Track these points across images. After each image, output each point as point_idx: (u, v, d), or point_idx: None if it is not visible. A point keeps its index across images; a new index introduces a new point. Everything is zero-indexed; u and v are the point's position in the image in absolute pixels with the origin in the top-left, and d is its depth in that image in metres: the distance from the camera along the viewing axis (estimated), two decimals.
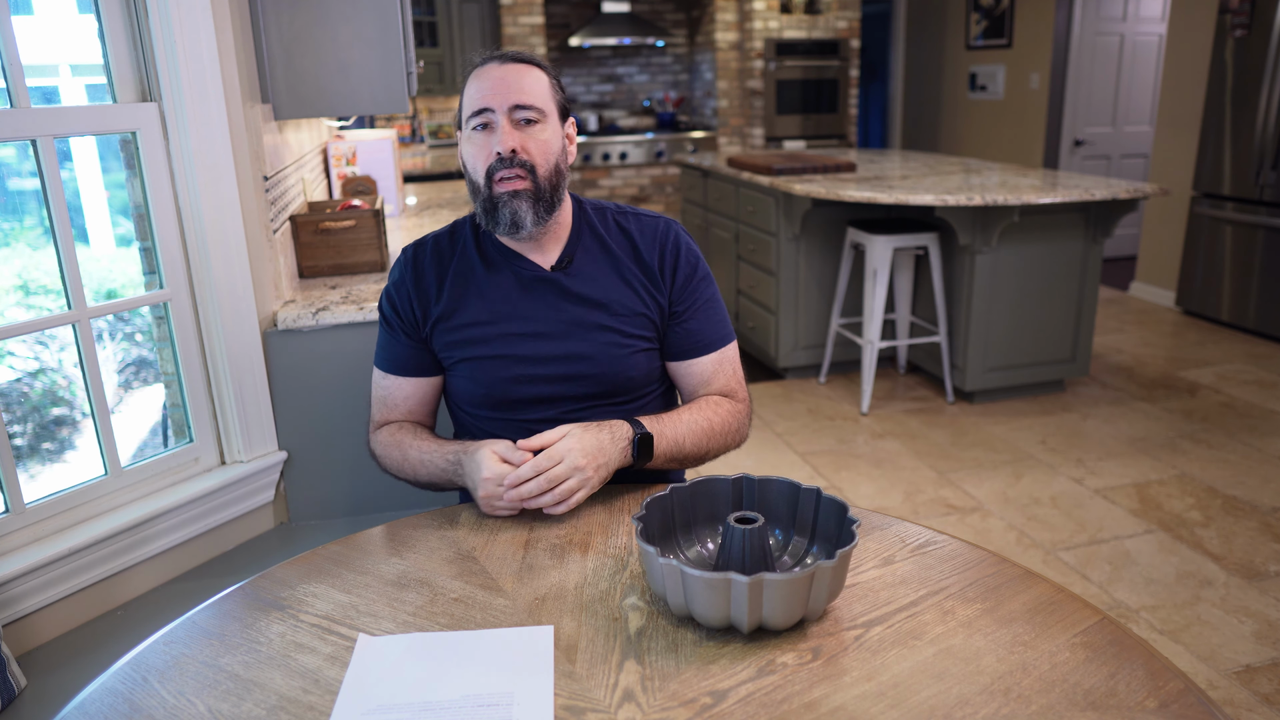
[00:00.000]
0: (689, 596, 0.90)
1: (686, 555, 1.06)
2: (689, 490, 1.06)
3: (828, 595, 0.92)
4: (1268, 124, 4.31)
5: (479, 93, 1.25)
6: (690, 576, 0.88)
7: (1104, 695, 0.83)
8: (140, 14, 1.56)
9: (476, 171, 1.27)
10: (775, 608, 0.89)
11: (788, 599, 0.88)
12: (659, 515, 1.03)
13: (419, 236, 1.43)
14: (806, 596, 0.90)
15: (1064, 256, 3.56)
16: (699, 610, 0.91)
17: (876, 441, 3.38)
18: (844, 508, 1.00)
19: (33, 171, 1.46)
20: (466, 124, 1.28)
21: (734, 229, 4.38)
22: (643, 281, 1.34)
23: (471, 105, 1.26)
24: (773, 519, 1.07)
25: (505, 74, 1.25)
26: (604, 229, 1.37)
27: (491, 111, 1.25)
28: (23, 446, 2.05)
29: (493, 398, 1.32)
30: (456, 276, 1.34)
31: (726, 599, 0.88)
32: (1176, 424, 3.46)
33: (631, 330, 1.33)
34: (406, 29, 2.02)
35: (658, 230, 1.37)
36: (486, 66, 1.27)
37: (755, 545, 0.97)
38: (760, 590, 0.87)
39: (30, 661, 1.39)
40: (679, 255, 1.36)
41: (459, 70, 6.30)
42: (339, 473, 1.89)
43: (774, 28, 6.42)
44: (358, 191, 2.77)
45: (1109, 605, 2.32)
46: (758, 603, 0.88)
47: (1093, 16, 5.74)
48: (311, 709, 0.84)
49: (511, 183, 1.24)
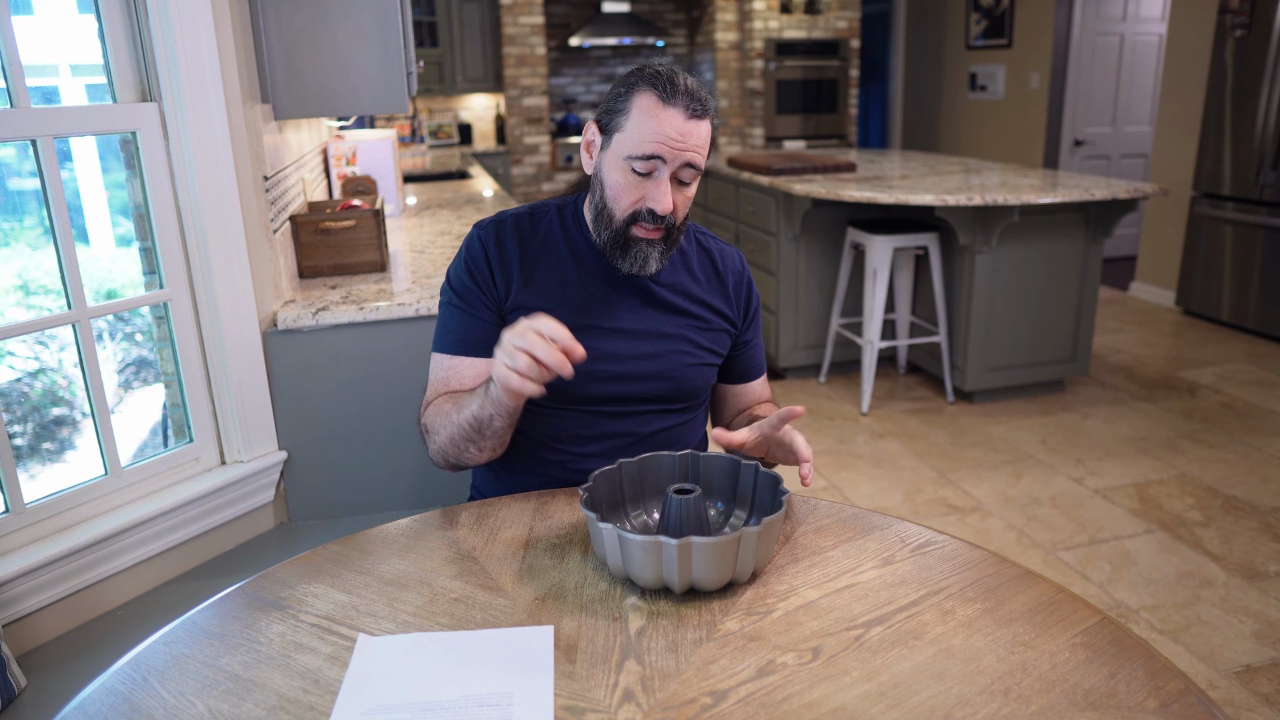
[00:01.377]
0: (626, 559, 0.98)
1: (633, 524, 1.14)
2: (637, 465, 1.14)
3: (755, 560, 0.99)
4: (1268, 124, 4.31)
5: (657, 136, 1.18)
6: (625, 539, 0.96)
7: (1104, 695, 0.83)
8: (140, 14, 1.56)
9: (619, 207, 1.24)
10: (704, 569, 0.96)
11: (715, 561, 0.96)
12: (607, 488, 1.11)
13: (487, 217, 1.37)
14: (734, 560, 0.97)
15: (1064, 256, 3.56)
16: (634, 571, 0.98)
17: (876, 441, 3.38)
18: (777, 480, 1.08)
19: (33, 171, 1.46)
20: (625, 155, 1.21)
21: (734, 229, 4.38)
22: (719, 303, 1.39)
23: (642, 146, 1.19)
24: (714, 493, 1.16)
25: (689, 130, 1.19)
26: (685, 244, 1.40)
27: (663, 163, 1.20)
28: (23, 446, 2.05)
29: (563, 388, 1.28)
30: (541, 258, 1.32)
31: (658, 560, 0.96)
32: (1176, 424, 3.46)
33: (705, 344, 1.37)
34: (406, 29, 2.02)
35: (736, 258, 1.44)
36: (672, 110, 1.18)
37: (692, 513, 1.05)
38: (689, 552, 0.95)
39: (30, 661, 1.39)
40: (751, 290, 1.44)
41: (459, 70, 6.31)
42: (339, 473, 1.89)
43: (774, 28, 6.42)
44: (358, 191, 2.77)
45: (1109, 605, 2.32)
46: (687, 564, 0.96)
47: (1093, 16, 5.74)
48: (311, 709, 0.84)
49: (651, 233, 1.25)
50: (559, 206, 1.37)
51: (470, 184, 4.19)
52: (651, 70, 1.21)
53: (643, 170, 1.21)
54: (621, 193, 1.23)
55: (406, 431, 1.89)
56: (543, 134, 6.42)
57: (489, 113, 6.75)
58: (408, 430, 1.88)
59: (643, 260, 1.26)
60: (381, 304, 1.84)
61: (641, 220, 1.24)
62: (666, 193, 1.21)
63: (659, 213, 1.22)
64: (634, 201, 1.23)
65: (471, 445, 1.23)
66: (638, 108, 1.19)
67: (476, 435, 1.22)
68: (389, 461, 1.91)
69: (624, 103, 1.21)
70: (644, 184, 1.22)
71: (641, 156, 1.19)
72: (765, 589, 1.01)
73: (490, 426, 1.20)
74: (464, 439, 1.23)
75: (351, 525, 1.83)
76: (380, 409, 1.87)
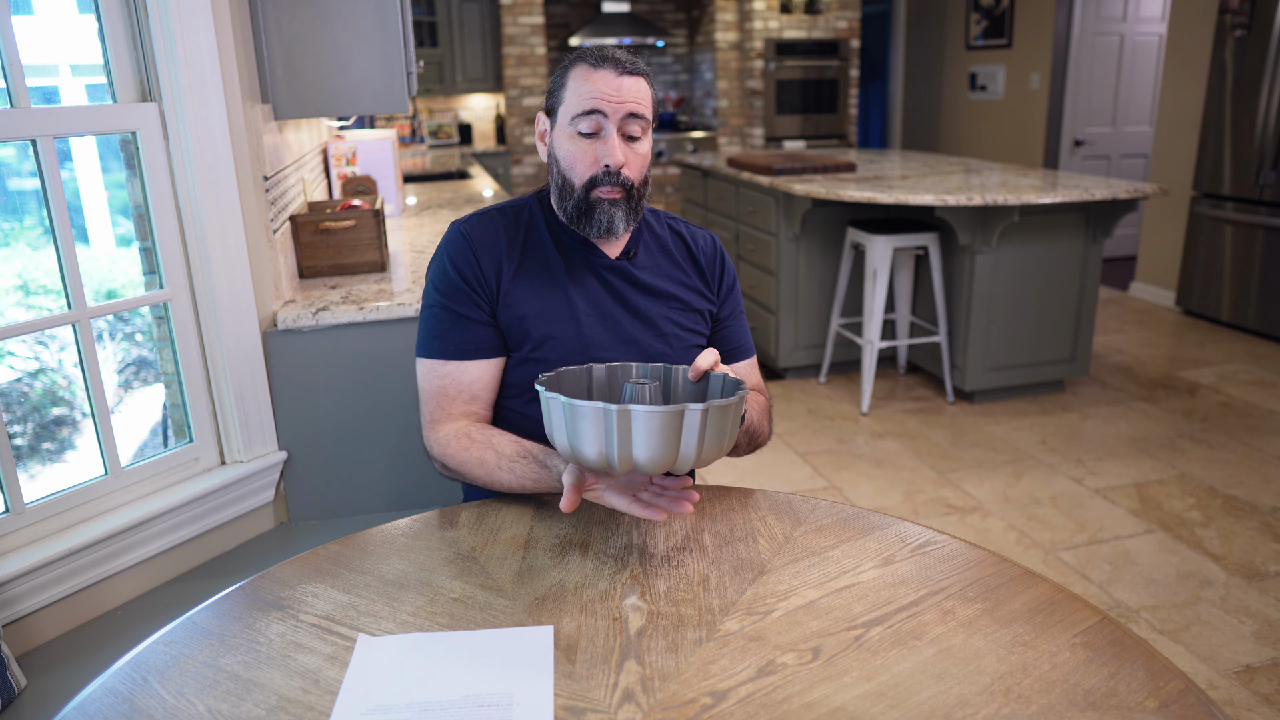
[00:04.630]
0: (570, 430, 0.97)
1: None
2: (606, 370, 1.16)
3: (699, 445, 0.97)
4: (1268, 124, 4.31)
5: (593, 93, 1.24)
6: (571, 406, 0.95)
7: (1104, 695, 0.83)
8: (140, 14, 1.56)
9: (575, 175, 1.27)
10: (644, 444, 0.95)
11: (657, 435, 0.94)
12: (571, 388, 1.12)
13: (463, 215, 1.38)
14: (677, 438, 0.96)
15: (1064, 256, 3.56)
16: (578, 444, 0.97)
17: (876, 441, 3.38)
18: (739, 383, 1.08)
19: (33, 171, 1.46)
20: (570, 120, 1.26)
21: (734, 229, 4.38)
22: (697, 283, 1.41)
23: (581, 104, 1.24)
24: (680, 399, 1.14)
25: (623, 85, 1.24)
26: (659, 229, 1.43)
27: (604, 117, 1.24)
28: (23, 446, 2.05)
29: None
30: (527, 248, 1.33)
31: (600, 430, 0.95)
32: (1176, 424, 3.46)
33: (690, 325, 1.39)
34: (406, 29, 2.02)
35: (708, 238, 1.46)
36: (603, 71, 1.24)
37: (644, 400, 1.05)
38: (629, 421, 0.94)
39: (30, 661, 1.39)
40: (724, 264, 1.45)
41: (459, 70, 6.31)
42: (339, 473, 1.89)
43: (774, 28, 6.42)
44: (358, 191, 2.77)
45: (1109, 605, 2.32)
46: (626, 436, 0.95)
47: (1093, 16, 5.74)
48: (311, 709, 0.84)
49: (610, 193, 1.27)
50: (537, 197, 1.39)
51: (470, 184, 4.19)
52: (582, 49, 1.30)
53: (588, 129, 1.25)
54: (575, 160, 1.27)
55: (406, 431, 1.89)
56: None
57: (489, 113, 6.75)
58: (408, 430, 1.88)
59: (608, 221, 1.28)
60: (381, 304, 1.84)
61: (599, 184, 1.26)
62: (615, 146, 1.25)
63: (612, 166, 1.25)
64: (589, 164, 1.26)
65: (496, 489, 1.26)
66: (573, 78, 1.27)
67: (506, 490, 1.24)
68: (389, 461, 1.91)
69: (562, 79, 1.28)
70: (594, 145, 1.26)
71: (583, 113, 1.24)
72: (765, 589, 1.01)
73: (526, 491, 1.23)
74: (492, 485, 1.25)
75: (351, 525, 1.83)
76: (380, 409, 1.87)
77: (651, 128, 1.31)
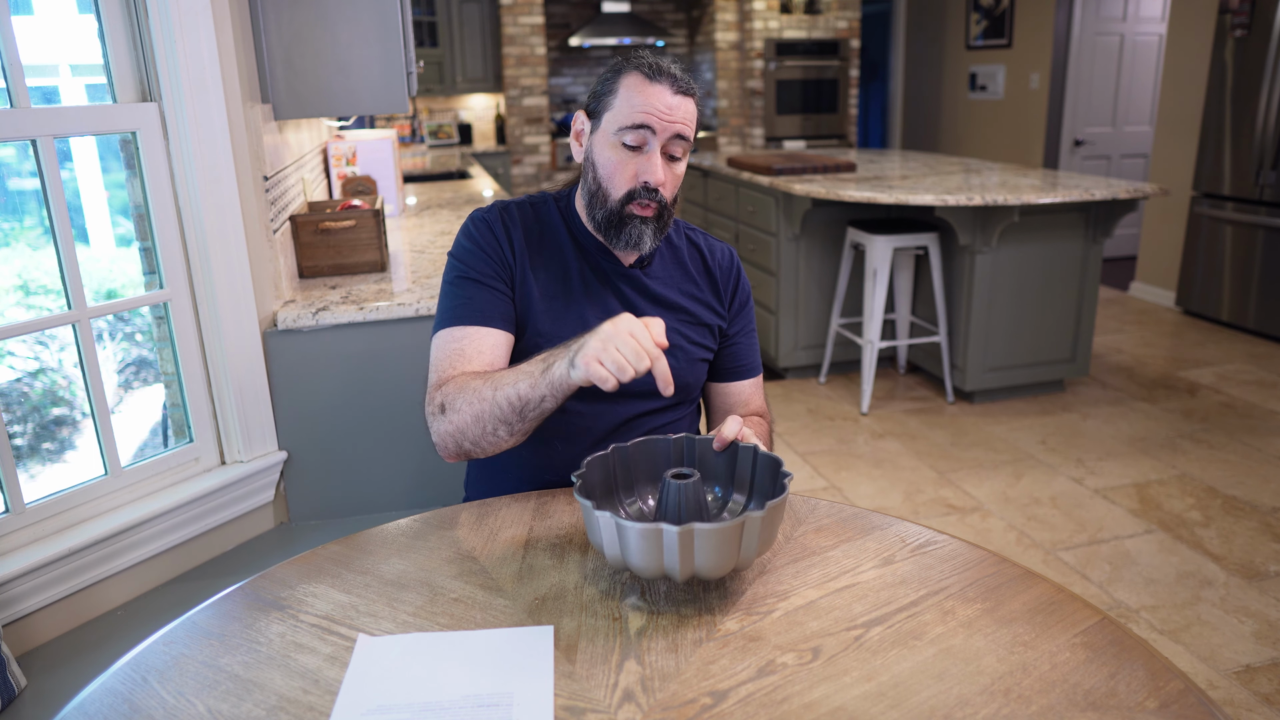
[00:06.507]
0: (624, 548, 0.93)
1: (628, 511, 1.09)
2: (631, 450, 1.10)
3: (759, 546, 0.95)
4: (1268, 124, 4.31)
5: (645, 108, 1.21)
6: (624, 528, 0.91)
7: (1104, 695, 0.83)
8: (140, 14, 1.56)
9: (613, 186, 1.26)
10: (706, 557, 0.92)
11: (719, 548, 0.92)
12: (601, 474, 1.07)
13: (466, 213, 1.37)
14: (738, 546, 0.93)
15: (1064, 256, 3.56)
16: (634, 561, 0.93)
17: (876, 441, 3.38)
18: (778, 463, 1.04)
19: (33, 171, 1.46)
20: (616, 130, 1.24)
21: (734, 229, 4.38)
22: (709, 297, 1.40)
23: (632, 116, 1.22)
24: (712, 477, 1.11)
25: (675, 104, 1.23)
26: (677, 239, 1.42)
27: (652, 134, 1.23)
28: (23, 446, 2.05)
29: None
30: (544, 245, 1.33)
31: (659, 549, 0.92)
32: (1176, 424, 3.46)
33: (696, 339, 1.38)
34: (406, 29, 2.02)
35: (726, 252, 1.44)
36: (658, 86, 1.22)
37: (690, 498, 1.01)
38: (691, 540, 0.91)
39: (30, 661, 1.39)
40: (740, 280, 1.44)
41: (459, 70, 6.31)
42: (339, 473, 1.89)
43: (774, 28, 6.42)
44: (358, 191, 2.77)
45: (1109, 605, 2.32)
46: (689, 552, 0.91)
47: (1093, 16, 5.74)
48: (311, 709, 0.84)
49: (645, 210, 1.26)
50: (556, 197, 1.39)
51: (470, 184, 4.19)
52: (637, 55, 1.26)
53: (633, 143, 1.23)
54: (615, 170, 1.25)
55: (406, 431, 1.89)
56: (543, 134, 6.42)
57: (489, 113, 6.75)
58: (408, 430, 1.88)
59: (637, 238, 1.27)
60: (381, 304, 1.84)
61: (637, 198, 1.25)
62: (658, 164, 1.24)
63: (651, 184, 1.24)
64: (629, 178, 1.25)
65: (504, 427, 1.16)
66: (625, 86, 1.23)
67: (516, 416, 1.15)
68: (389, 461, 1.91)
69: (611, 84, 1.25)
70: (635, 159, 1.24)
71: (632, 126, 1.22)
72: (765, 589, 1.01)
73: (539, 408, 1.14)
74: (498, 419, 1.16)
75: (351, 525, 1.83)
76: (380, 409, 1.87)
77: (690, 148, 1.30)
